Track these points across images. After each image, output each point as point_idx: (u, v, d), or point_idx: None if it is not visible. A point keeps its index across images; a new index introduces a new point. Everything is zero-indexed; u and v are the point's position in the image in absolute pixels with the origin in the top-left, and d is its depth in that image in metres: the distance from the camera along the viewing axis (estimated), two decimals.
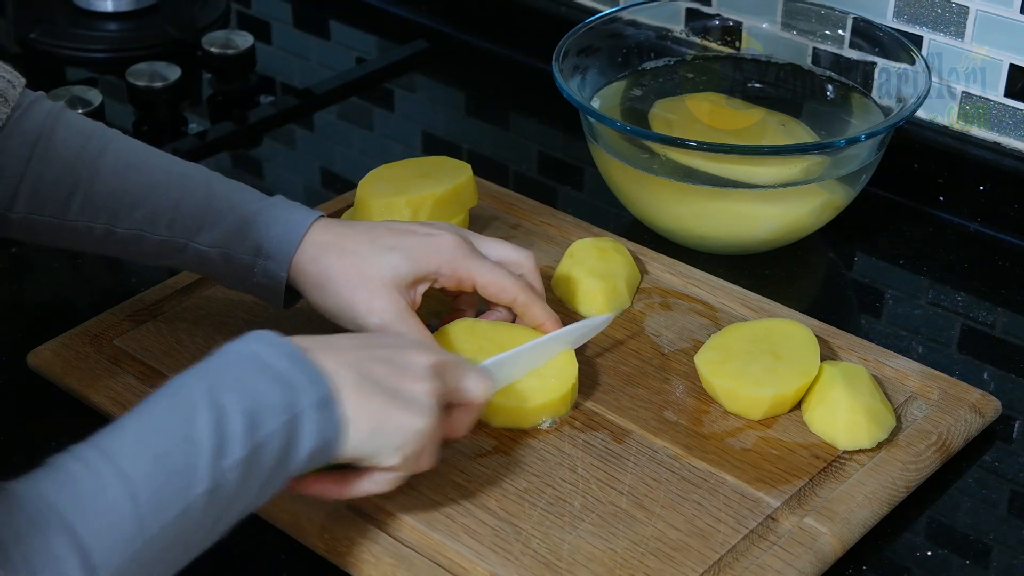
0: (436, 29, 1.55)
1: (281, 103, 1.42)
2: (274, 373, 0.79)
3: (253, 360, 0.80)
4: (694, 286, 1.13)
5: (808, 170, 1.15)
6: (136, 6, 1.54)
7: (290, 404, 0.79)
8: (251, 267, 0.99)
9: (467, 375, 0.88)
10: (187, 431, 0.76)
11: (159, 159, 1.02)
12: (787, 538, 0.89)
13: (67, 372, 1.03)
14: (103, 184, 0.99)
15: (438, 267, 0.99)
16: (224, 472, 0.76)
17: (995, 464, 0.99)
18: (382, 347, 0.86)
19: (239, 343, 0.82)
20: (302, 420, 0.79)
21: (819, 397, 0.98)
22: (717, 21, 1.33)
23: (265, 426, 0.78)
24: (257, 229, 0.99)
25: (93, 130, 1.01)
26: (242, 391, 0.78)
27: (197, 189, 1.00)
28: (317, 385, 0.80)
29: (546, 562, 0.88)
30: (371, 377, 0.83)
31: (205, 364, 0.80)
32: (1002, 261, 1.21)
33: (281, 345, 0.81)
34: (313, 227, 0.99)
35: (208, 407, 0.77)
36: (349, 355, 0.84)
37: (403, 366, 0.85)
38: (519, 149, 1.38)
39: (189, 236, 0.99)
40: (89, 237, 1.00)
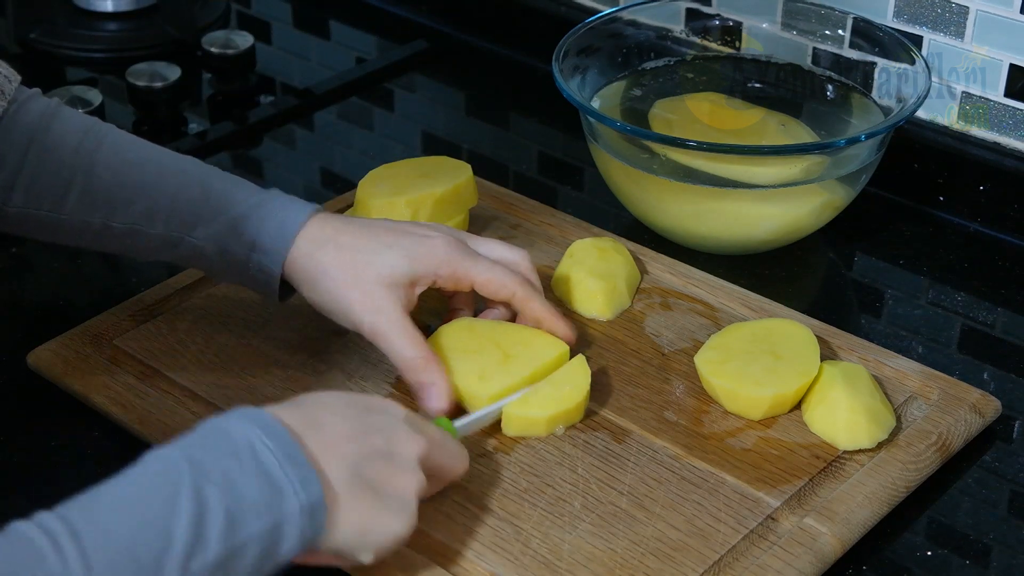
0: (436, 29, 1.55)
1: (281, 103, 1.42)
2: (264, 471, 0.76)
3: (244, 449, 0.77)
4: (694, 286, 1.13)
5: (808, 170, 1.15)
6: (136, 6, 1.54)
7: (276, 508, 0.76)
8: (246, 262, 0.99)
9: (451, 454, 0.88)
10: (164, 522, 0.73)
11: (156, 154, 1.02)
12: (787, 538, 0.89)
13: (67, 372, 1.03)
14: (100, 179, 0.99)
15: (436, 268, 0.99)
16: (192, 571, 0.73)
17: (995, 464, 0.99)
18: (375, 433, 0.83)
19: (233, 423, 0.79)
20: (286, 526, 0.77)
21: (819, 397, 0.98)
22: (717, 21, 1.33)
23: (246, 529, 0.75)
24: (253, 224, 0.98)
25: (90, 125, 1.01)
26: (228, 486, 0.75)
27: (194, 184, 1.00)
28: (308, 491, 0.77)
29: (546, 562, 0.88)
30: (362, 476, 0.80)
31: (193, 443, 0.77)
32: (1002, 261, 1.21)
33: (274, 434, 0.78)
34: (309, 222, 0.99)
35: (190, 499, 0.74)
36: (343, 447, 0.81)
37: (394, 459, 0.82)
38: (519, 149, 1.38)
39: (185, 231, 0.99)
40: (86, 232, 1.00)
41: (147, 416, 0.98)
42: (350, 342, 1.06)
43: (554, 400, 0.97)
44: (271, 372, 1.03)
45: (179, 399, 1.00)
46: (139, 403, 0.99)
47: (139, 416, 0.98)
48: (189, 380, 1.02)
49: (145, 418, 0.98)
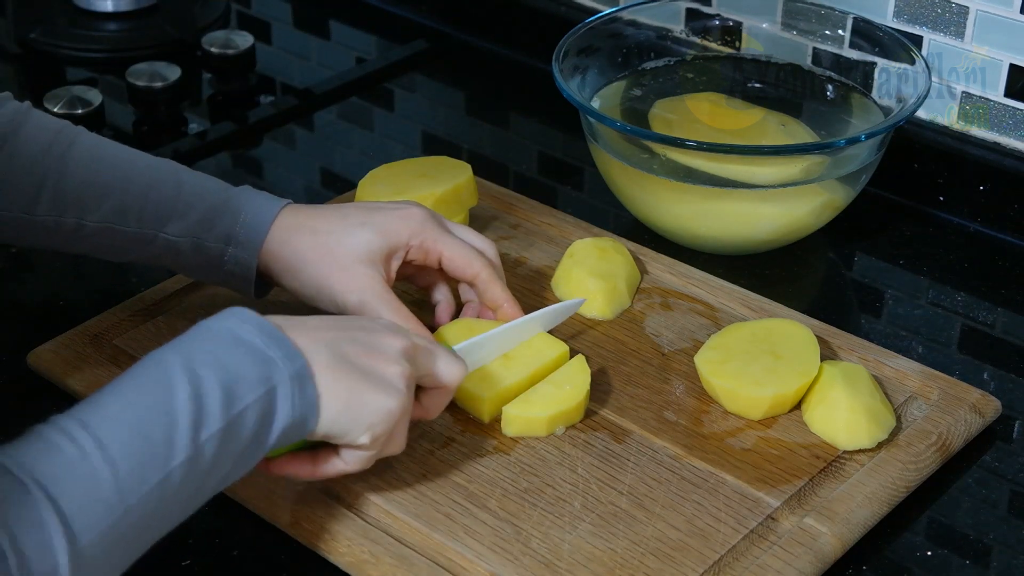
0: (436, 29, 1.55)
1: (281, 103, 1.42)
2: (250, 348, 0.81)
3: (228, 335, 0.81)
4: (694, 286, 1.13)
5: (808, 170, 1.15)
6: (136, 6, 1.54)
7: (266, 378, 0.80)
8: (221, 256, 1.00)
9: (439, 359, 0.90)
10: (165, 404, 0.77)
11: (127, 153, 1.03)
12: (787, 538, 0.89)
13: (67, 372, 1.03)
14: (71, 178, 0.99)
15: (408, 238, 1.00)
16: (202, 444, 0.77)
17: (995, 464, 0.99)
18: (356, 329, 0.87)
19: (214, 320, 0.83)
20: (278, 394, 0.80)
21: (819, 397, 0.98)
22: (717, 21, 1.33)
23: (242, 399, 0.79)
24: (226, 217, 1.00)
25: (60, 127, 1.02)
26: (218, 365, 0.79)
27: (166, 180, 1.01)
28: (292, 360, 0.81)
29: (546, 562, 0.88)
30: (345, 357, 0.84)
31: (180, 339, 0.81)
32: (1002, 261, 1.21)
33: (256, 322, 0.82)
34: (282, 213, 1.00)
35: (185, 380, 0.78)
36: (323, 334, 0.85)
37: (376, 348, 0.86)
38: (519, 149, 1.38)
39: (158, 227, 1.00)
40: (59, 233, 1.00)
41: None
42: None
43: (554, 400, 0.97)
44: None
45: None
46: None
47: None
48: None
49: None
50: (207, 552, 0.91)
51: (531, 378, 0.99)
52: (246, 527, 0.93)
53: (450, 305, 1.06)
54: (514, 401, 0.97)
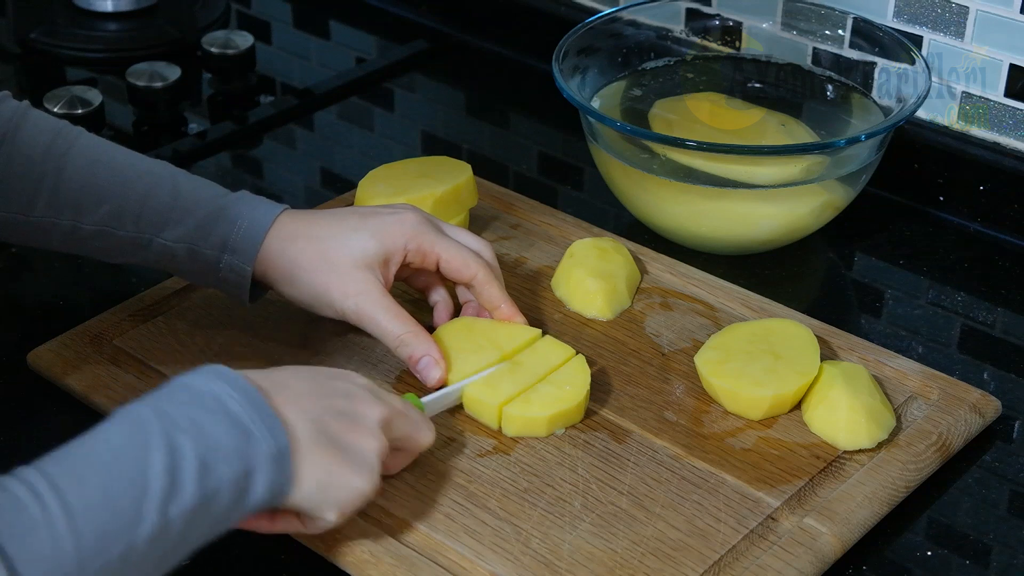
0: (436, 29, 1.55)
1: (281, 103, 1.42)
2: (232, 418, 0.79)
3: (211, 401, 0.79)
4: (694, 286, 1.13)
5: (808, 170, 1.15)
6: (136, 6, 1.54)
7: (245, 453, 0.78)
8: (217, 263, 1.00)
9: (414, 425, 0.90)
10: (139, 470, 0.74)
11: (125, 156, 1.02)
12: (787, 538, 0.89)
13: (67, 372, 1.03)
14: (69, 180, 0.99)
15: (405, 242, 1.00)
16: (171, 518, 0.75)
17: (995, 464, 0.99)
18: (338, 396, 0.86)
19: (196, 378, 0.81)
20: (256, 471, 0.79)
21: (819, 397, 0.98)
22: (717, 21, 1.33)
23: (218, 473, 0.77)
24: (223, 225, 0.99)
25: (59, 128, 1.02)
26: (198, 433, 0.77)
27: (163, 185, 1.01)
28: (275, 437, 0.80)
29: (546, 562, 0.88)
30: (326, 431, 0.83)
31: (161, 397, 0.79)
32: (1002, 261, 1.21)
33: (240, 387, 0.80)
34: (278, 220, 1.00)
35: (162, 448, 0.75)
36: (306, 403, 0.83)
37: (356, 420, 0.85)
38: (519, 149, 1.38)
39: (155, 232, 1.00)
40: (55, 234, 1.00)
41: None
42: (350, 342, 1.06)
43: (554, 400, 0.97)
44: None
45: None
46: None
47: None
48: None
49: None
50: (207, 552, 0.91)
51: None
52: None
53: (448, 305, 1.06)
54: (514, 401, 0.97)
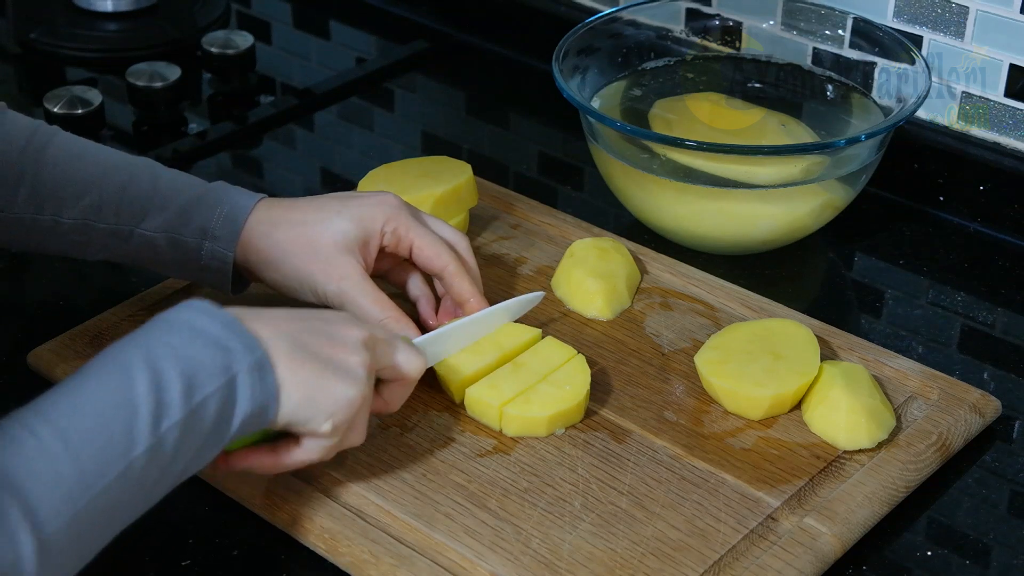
0: (436, 29, 1.55)
1: (281, 103, 1.42)
2: (209, 338, 0.81)
3: (187, 327, 0.81)
4: (694, 286, 1.13)
5: (808, 170, 1.15)
6: (136, 6, 1.54)
7: (226, 367, 0.80)
8: (198, 250, 1.00)
9: (399, 350, 0.91)
10: (125, 395, 0.77)
11: (103, 151, 1.03)
12: (787, 538, 0.89)
13: (67, 372, 1.02)
14: (49, 174, 1.00)
15: (383, 224, 1.01)
16: (163, 434, 0.77)
17: (995, 464, 0.99)
18: (316, 320, 0.87)
19: (172, 311, 0.83)
20: (238, 383, 0.81)
21: (819, 397, 0.98)
22: (717, 21, 1.33)
23: (202, 389, 0.79)
24: (203, 211, 1.00)
25: (36, 126, 1.03)
26: (177, 356, 0.79)
27: (142, 176, 1.02)
28: (252, 350, 0.82)
29: (546, 562, 0.88)
30: (305, 346, 0.84)
31: (138, 333, 0.81)
32: (1002, 261, 1.21)
33: (215, 313, 0.82)
34: (258, 206, 1.01)
35: (145, 372, 0.78)
36: (283, 324, 0.85)
37: (336, 338, 0.86)
38: (519, 149, 1.38)
39: (135, 223, 1.00)
40: (35, 230, 1.01)
41: None
42: None
43: (554, 400, 0.97)
44: None
45: None
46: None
47: None
48: None
49: None
50: (207, 552, 0.91)
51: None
52: (246, 527, 0.93)
53: (430, 299, 1.06)
54: (514, 401, 0.97)
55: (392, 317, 0.99)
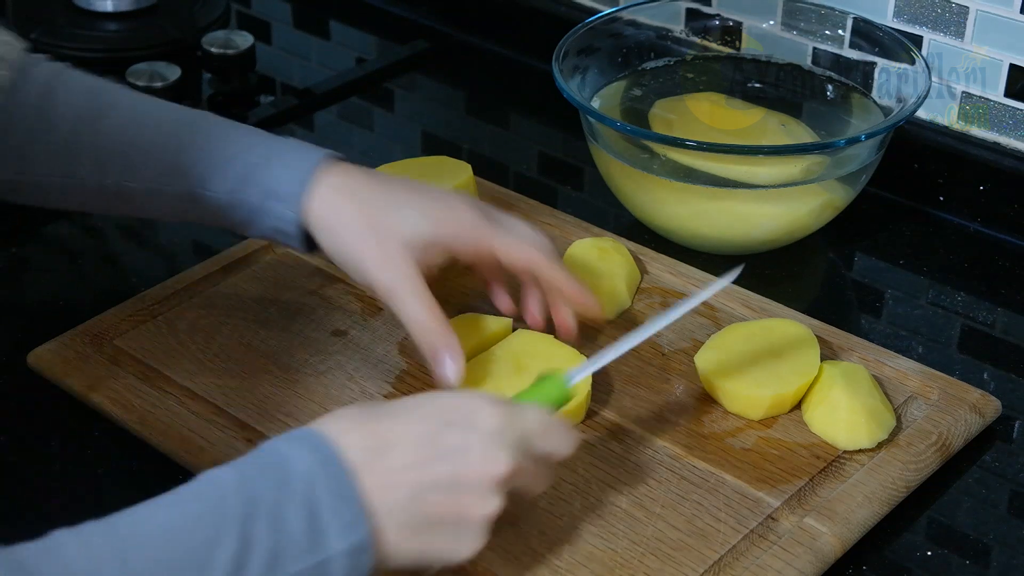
0: (436, 29, 1.55)
1: (281, 103, 1.42)
2: (313, 511, 0.74)
3: (299, 484, 0.74)
4: (694, 286, 1.13)
5: (808, 170, 1.15)
6: (136, 6, 1.54)
7: (319, 550, 0.74)
8: (262, 210, 0.96)
9: (551, 440, 0.83)
10: (207, 550, 0.71)
11: (166, 109, 1.00)
12: (787, 538, 0.89)
13: (67, 372, 1.03)
14: (111, 139, 0.97)
15: (457, 232, 0.95)
16: None
17: (995, 464, 0.99)
18: (447, 460, 0.78)
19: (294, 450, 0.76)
20: (330, 567, 0.74)
21: (819, 397, 0.98)
22: (717, 21, 1.33)
23: (285, 568, 0.73)
24: (268, 170, 0.96)
25: (98, 87, 1.00)
26: (276, 520, 0.73)
27: (204, 136, 0.98)
28: (355, 529, 0.75)
29: (546, 562, 0.88)
30: (421, 511, 0.77)
31: (249, 467, 0.75)
32: (1002, 261, 1.21)
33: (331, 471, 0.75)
34: (324, 164, 0.96)
35: (237, 533, 0.72)
36: (406, 477, 0.77)
37: (461, 489, 0.78)
38: (519, 149, 1.38)
39: (202, 185, 0.97)
40: (102, 196, 0.98)
41: (147, 416, 0.98)
42: (350, 342, 1.06)
43: None
44: (271, 372, 1.03)
45: (179, 399, 1.00)
46: (139, 403, 0.99)
47: (139, 416, 0.98)
48: (189, 380, 1.02)
49: (145, 418, 0.98)
50: None
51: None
52: None
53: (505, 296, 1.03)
54: None
55: (438, 322, 0.93)
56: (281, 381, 1.02)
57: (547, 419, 0.83)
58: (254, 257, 1.15)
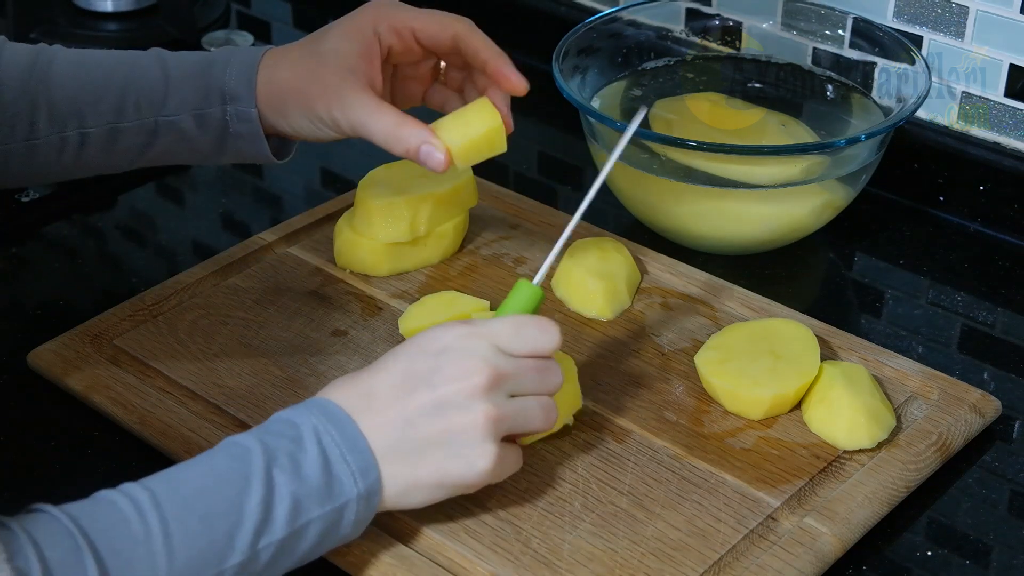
0: None
1: None
2: (327, 460, 0.81)
3: (310, 439, 0.82)
4: (694, 286, 1.13)
5: (808, 170, 1.15)
6: (136, 6, 1.54)
7: (336, 496, 0.81)
8: (223, 117, 0.99)
9: (526, 337, 0.87)
10: (238, 501, 0.78)
11: (107, 54, 1.02)
12: (787, 538, 0.89)
13: (67, 372, 1.03)
14: (62, 91, 0.99)
15: (373, 25, 0.98)
16: (259, 549, 0.78)
17: (995, 464, 0.99)
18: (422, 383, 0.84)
19: (300, 413, 0.83)
20: (345, 511, 0.82)
21: (819, 397, 0.98)
22: (717, 21, 1.33)
23: (308, 512, 0.80)
24: (215, 76, 0.99)
25: (36, 48, 1.01)
26: (295, 472, 0.80)
27: (152, 66, 1.00)
28: (366, 479, 0.82)
29: (546, 562, 0.88)
30: (418, 440, 0.83)
31: (265, 430, 0.82)
32: (1002, 261, 1.21)
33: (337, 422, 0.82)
34: (265, 55, 1.00)
35: (261, 482, 0.79)
36: (392, 413, 0.83)
37: (448, 408, 0.84)
38: (519, 149, 1.38)
39: (157, 111, 0.99)
40: (65, 152, 1.00)
41: (147, 416, 0.98)
42: (351, 342, 1.06)
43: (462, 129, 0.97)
44: (271, 372, 1.03)
45: (179, 399, 1.00)
46: (139, 403, 0.99)
47: (139, 416, 0.98)
48: (189, 380, 1.02)
49: (145, 418, 0.98)
50: None
51: None
52: None
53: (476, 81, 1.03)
54: None
55: (402, 123, 0.94)
56: (281, 381, 1.02)
57: (517, 320, 0.87)
58: (254, 257, 1.15)
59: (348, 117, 0.95)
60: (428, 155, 0.95)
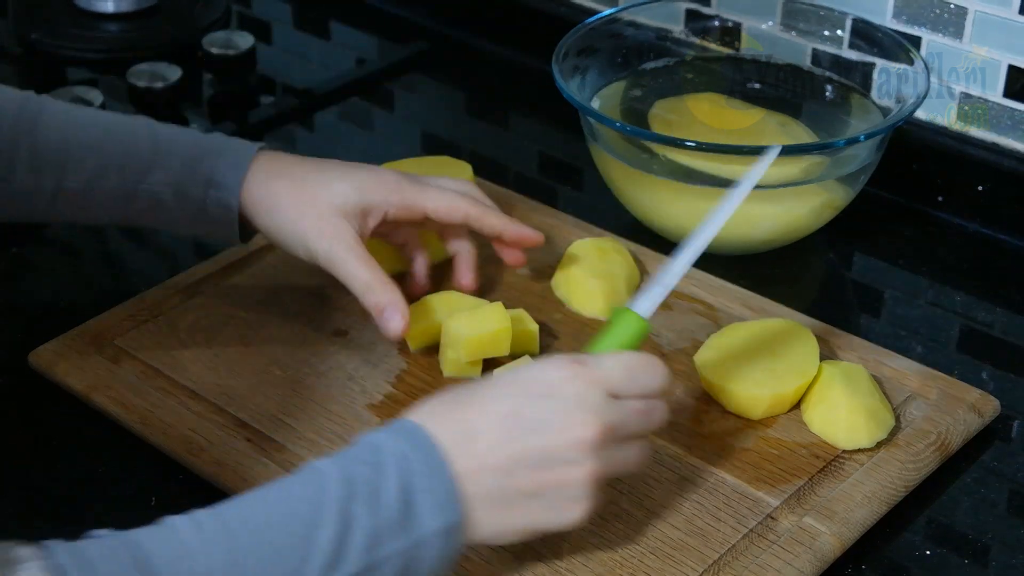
0: (436, 29, 1.55)
1: (281, 104, 1.42)
2: (406, 488, 0.76)
3: (395, 465, 0.76)
4: (694, 286, 1.13)
5: (808, 170, 1.15)
6: (137, 7, 1.54)
7: (413, 527, 0.76)
8: (203, 199, 1.01)
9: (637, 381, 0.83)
10: (309, 532, 0.73)
11: (99, 114, 1.04)
12: (787, 537, 0.90)
13: (68, 372, 1.03)
14: (47, 140, 1.00)
15: (386, 196, 1.01)
16: None
17: (994, 464, 0.99)
18: (534, 431, 0.79)
19: (387, 438, 0.78)
20: (424, 547, 0.76)
21: (819, 397, 0.98)
22: (717, 21, 1.33)
23: (384, 548, 0.75)
24: (206, 161, 1.01)
25: (25, 95, 1.02)
26: (373, 503, 0.75)
27: (142, 134, 1.02)
28: (445, 514, 0.77)
29: (546, 562, 0.88)
30: (515, 488, 0.79)
31: (347, 455, 0.77)
32: (1002, 261, 1.21)
33: (423, 451, 0.77)
34: (260, 155, 1.02)
35: (337, 515, 0.74)
36: (495, 458, 0.78)
37: (555, 462, 0.79)
38: (519, 149, 1.38)
39: (140, 179, 1.00)
40: (38, 198, 1.00)
41: (148, 416, 0.98)
42: (351, 342, 1.06)
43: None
44: (271, 372, 1.03)
45: (180, 399, 1.00)
46: (140, 403, 1.00)
47: (140, 416, 0.99)
48: (190, 380, 1.02)
49: (146, 418, 0.98)
50: None
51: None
52: None
53: (425, 265, 1.08)
54: None
55: (379, 281, 0.98)
56: (281, 381, 1.02)
57: (626, 362, 0.83)
58: (254, 257, 1.15)
59: (332, 255, 0.99)
60: (389, 317, 0.98)
